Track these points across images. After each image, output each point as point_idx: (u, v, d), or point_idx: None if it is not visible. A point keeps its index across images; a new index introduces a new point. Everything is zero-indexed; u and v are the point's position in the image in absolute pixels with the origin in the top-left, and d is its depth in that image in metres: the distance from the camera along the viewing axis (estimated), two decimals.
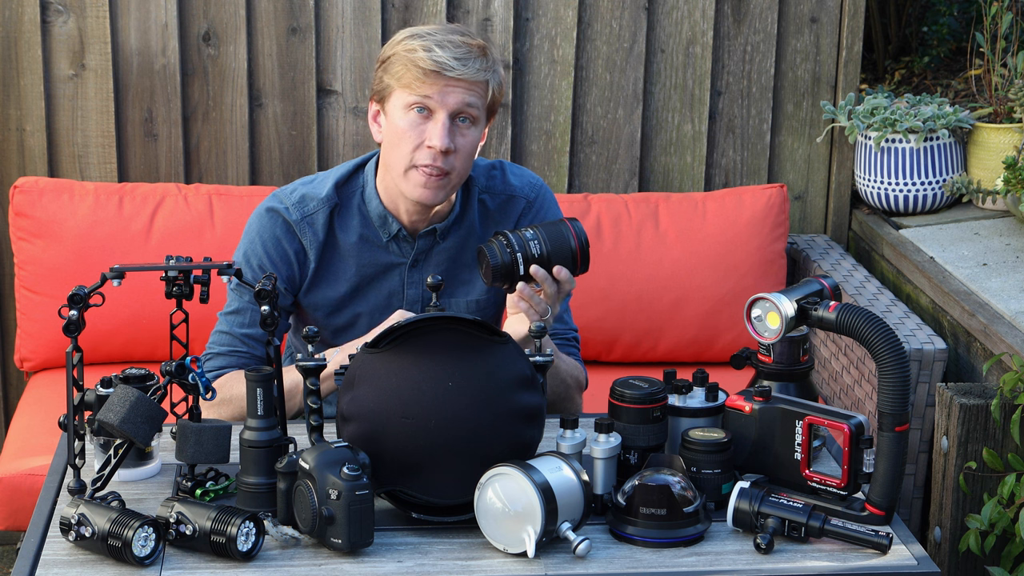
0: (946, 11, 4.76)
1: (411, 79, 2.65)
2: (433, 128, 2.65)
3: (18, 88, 3.76)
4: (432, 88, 2.64)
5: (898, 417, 2.27)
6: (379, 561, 2.19)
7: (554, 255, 2.55)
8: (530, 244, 2.54)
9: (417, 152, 2.67)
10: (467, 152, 2.69)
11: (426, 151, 2.66)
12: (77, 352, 2.30)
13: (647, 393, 2.39)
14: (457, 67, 2.64)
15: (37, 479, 3.18)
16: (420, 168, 2.67)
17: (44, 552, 2.21)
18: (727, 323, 3.77)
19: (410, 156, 2.67)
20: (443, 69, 2.63)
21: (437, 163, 2.66)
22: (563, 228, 2.56)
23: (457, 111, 2.66)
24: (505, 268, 2.53)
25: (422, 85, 2.64)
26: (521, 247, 2.54)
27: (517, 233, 2.55)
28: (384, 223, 2.78)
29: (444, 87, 2.64)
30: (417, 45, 2.65)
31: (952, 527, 3.06)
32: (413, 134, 2.66)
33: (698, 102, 3.98)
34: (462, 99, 2.65)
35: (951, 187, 3.76)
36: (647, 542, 2.26)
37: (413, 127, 2.66)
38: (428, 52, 2.64)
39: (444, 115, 2.65)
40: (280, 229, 2.78)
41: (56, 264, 3.62)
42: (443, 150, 2.65)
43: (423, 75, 2.64)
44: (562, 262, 2.56)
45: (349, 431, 2.26)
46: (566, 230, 2.56)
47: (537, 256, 2.54)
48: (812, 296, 2.38)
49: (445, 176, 2.67)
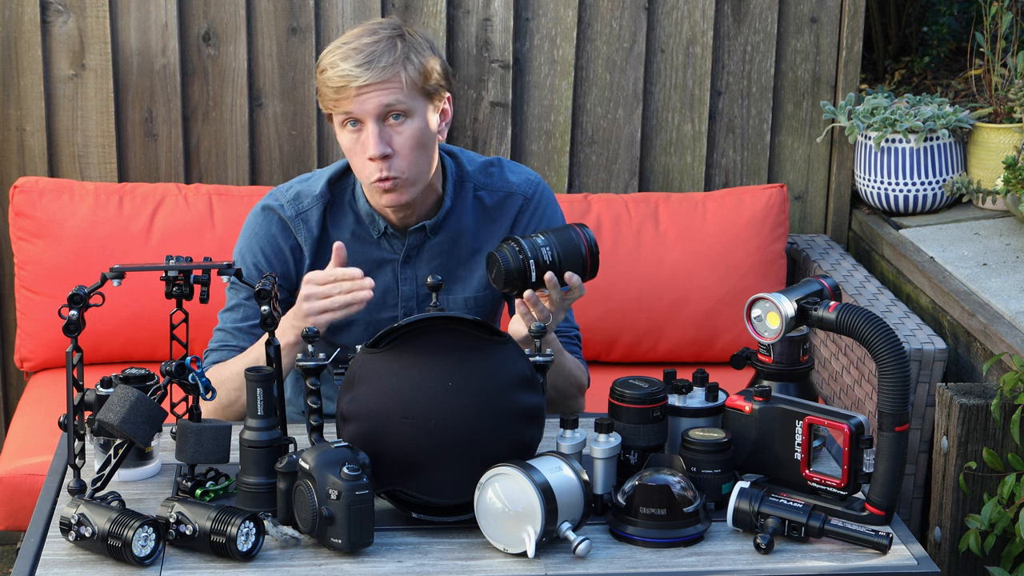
0: (946, 11, 4.76)
1: (329, 100, 2.68)
2: (366, 139, 2.67)
3: (18, 88, 3.76)
4: (349, 102, 2.65)
5: (898, 417, 2.27)
6: (379, 561, 2.19)
7: (565, 261, 2.54)
8: (542, 250, 2.53)
9: (366, 167, 2.69)
10: (410, 146, 2.68)
11: (371, 164, 2.68)
12: (77, 352, 2.30)
13: (647, 393, 2.39)
14: (361, 74, 2.63)
15: (37, 479, 3.18)
16: (375, 183, 2.68)
17: (44, 552, 2.21)
18: (727, 323, 3.77)
19: (364, 172, 2.70)
20: (349, 81, 2.64)
21: (384, 173, 2.67)
22: (573, 234, 2.56)
23: (381, 114, 2.66)
24: (517, 273, 2.52)
25: (339, 102, 2.66)
26: (533, 253, 2.52)
27: (528, 239, 2.54)
28: (372, 221, 2.79)
29: (356, 96, 2.64)
30: (326, 64, 2.68)
31: (952, 527, 3.06)
32: (356, 149, 2.69)
33: (698, 102, 3.98)
34: (379, 101, 2.65)
35: (951, 187, 3.76)
36: (647, 542, 2.26)
37: (353, 143, 2.69)
38: (333, 69, 2.65)
39: (371, 123, 2.66)
40: (276, 226, 2.79)
41: (56, 264, 3.62)
42: (381, 156, 2.65)
43: (335, 93, 2.66)
44: (573, 268, 2.55)
45: (349, 431, 2.26)
46: (576, 236, 2.55)
47: (549, 262, 2.53)
48: (812, 296, 2.38)
49: (397, 178, 2.68)
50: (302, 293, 2.58)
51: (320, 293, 2.56)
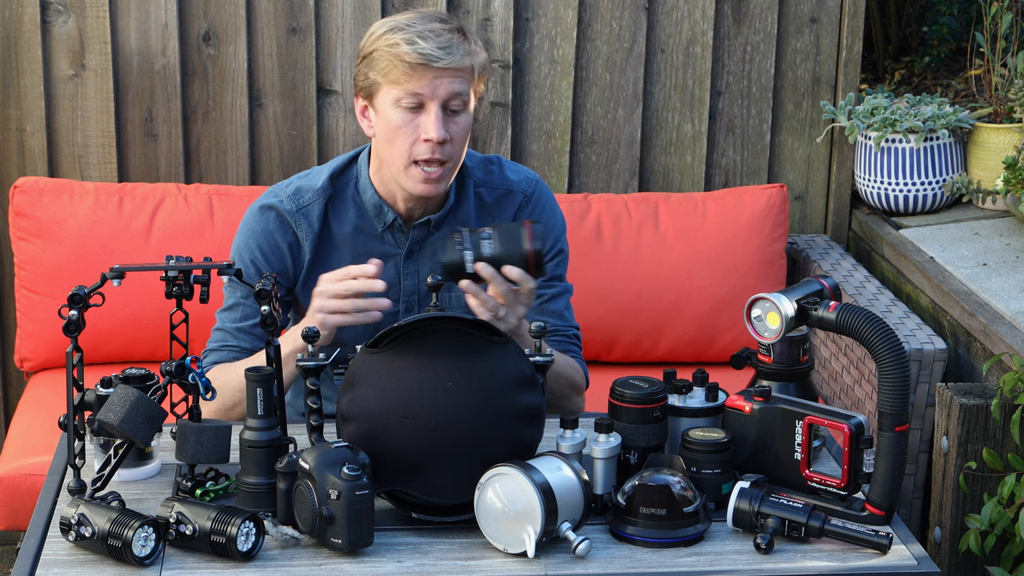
0: (946, 11, 4.76)
1: (398, 74, 2.64)
2: (427, 120, 2.65)
3: (18, 88, 3.76)
4: (421, 82, 2.64)
5: (898, 417, 2.27)
6: (379, 561, 2.19)
7: (506, 257, 2.53)
8: (483, 243, 2.53)
9: (415, 147, 2.67)
10: (461, 138, 2.70)
11: (423, 145, 2.66)
12: (77, 352, 2.30)
13: (647, 393, 2.39)
14: (444, 57, 2.63)
15: (37, 479, 3.18)
16: (420, 164, 2.67)
17: (44, 552, 2.21)
18: (727, 323, 3.77)
19: (408, 152, 2.67)
20: (430, 61, 2.62)
21: (436, 155, 2.66)
22: (520, 231, 2.54)
23: (448, 101, 2.66)
24: (453, 266, 2.53)
25: (410, 80, 2.64)
26: (473, 246, 2.53)
27: (475, 232, 2.54)
28: (379, 213, 2.79)
29: (433, 79, 2.64)
30: (399, 39, 2.64)
31: (952, 527, 3.06)
32: (407, 129, 2.66)
33: (698, 102, 3.98)
34: (451, 88, 2.65)
35: (951, 187, 3.76)
36: (647, 542, 2.26)
37: (407, 122, 2.66)
38: (412, 45, 2.63)
39: (436, 106, 2.65)
40: (273, 223, 2.78)
41: (56, 264, 3.62)
42: (440, 141, 2.65)
43: (410, 69, 2.63)
44: (515, 264, 2.53)
45: (349, 431, 2.26)
46: (523, 233, 2.54)
47: (488, 256, 2.53)
48: (812, 296, 2.38)
49: (444, 166, 2.68)
50: (315, 290, 2.58)
51: (331, 291, 2.55)
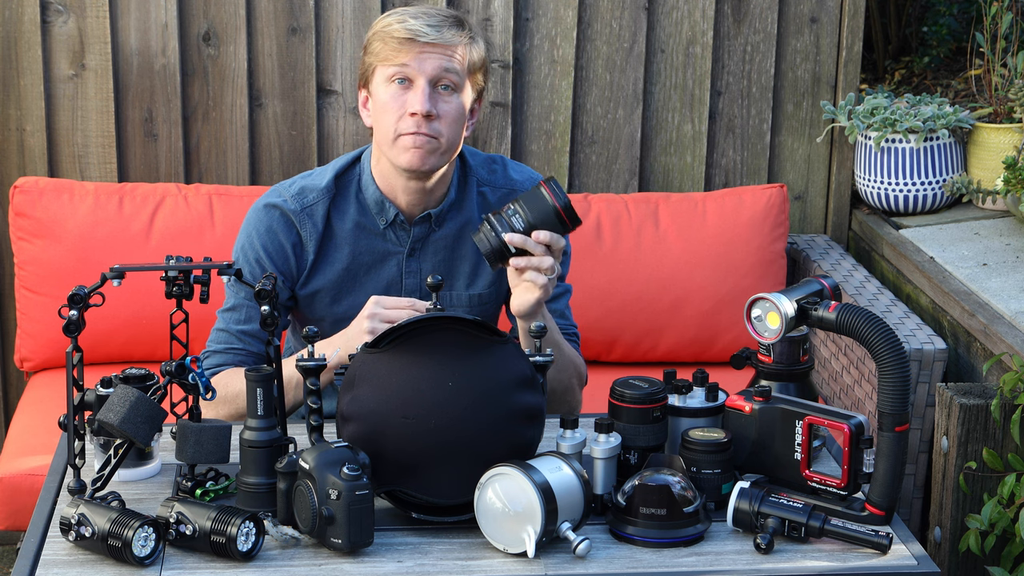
0: (946, 11, 4.76)
1: (388, 52, 2.68)
2: (413, 96, 2.67)
3: (18, 88, 3.76)
4: (408, 56, 2.67)
5: (898, 417, 2.27)
6: (379, 561, 2.19)
7: (537, 223, 2.56)
8: (513, 220, 2.56)
9: (401, 121, 2.69)
10: (452, 118, 2.70)
11: (409, 119, 2.68)
12: (77, 352, 2.30)
13: (647, 393, 2.39)
14: (431, 32, 2.67)
15: (37, 479, 3.18)
16: (406, 135, 2.68)
17: (44, 552, 2.21)
18: (727, 323, 3.77)
19: (395, 126, 2.69)
20: (416, 36, 2.66)
21: (422, 129, 2.67)
22: (541, 192, 2.57)
23: (436, 77, 2.68)
24: (497, 253, 2.56)
25: (398, 54, 2.67)
26: (505, 227, 2.56)
27: (499, 214, 2.57)
28: (381, 209, 2.79)
29: (419, 53, 2.67)
30: (392, 20, 2.70)
31: (952, 527, 3.06)
32: (395, 105, 2.69)
33: (698, 102, 3.98)
34: (439, 64, 2.68)
35: (951, 187, 3.76)
36: (647, 542, 2.26)
37: (395, 98, 2.69)
38: (402, 23, 2.68)
39: (423, 81, 2.67)
40: (277, 223, 2.78)
41: (56, 264, 3.62)
42: (425, 114, 2.66)
43: (398, 44, 2.67)
44: (549, 226, 2.57)
45: (349, 431, 2.26)
46: (544, 193, 2.57)
47: (522, 229, 2.56)
48: (812, 296, 2.38)
49: (433, 140, 2.68)
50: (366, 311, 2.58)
51: (385, 316, 2.56)
